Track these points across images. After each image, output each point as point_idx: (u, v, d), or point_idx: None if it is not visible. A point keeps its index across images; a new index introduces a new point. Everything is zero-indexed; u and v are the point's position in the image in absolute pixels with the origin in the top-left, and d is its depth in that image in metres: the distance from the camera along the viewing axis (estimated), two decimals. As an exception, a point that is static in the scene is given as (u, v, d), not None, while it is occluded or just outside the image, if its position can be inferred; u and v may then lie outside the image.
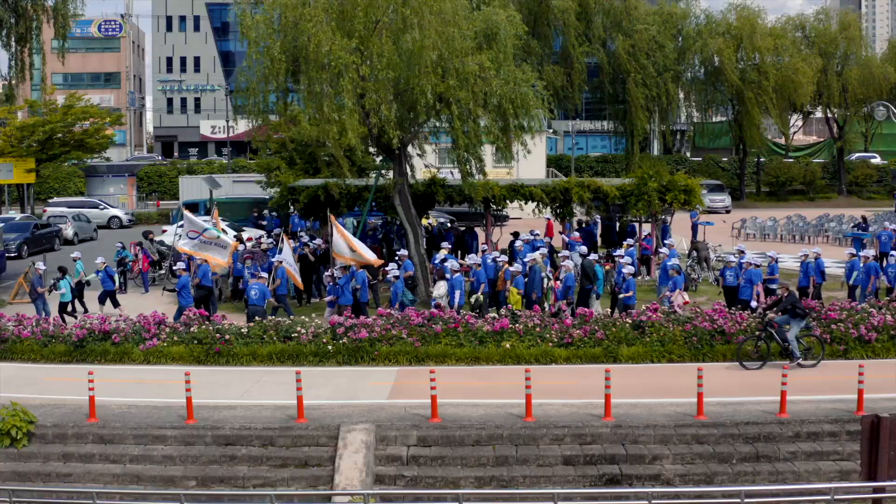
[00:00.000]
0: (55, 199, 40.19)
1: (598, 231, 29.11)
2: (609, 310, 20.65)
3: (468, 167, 22.84)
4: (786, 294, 17.54)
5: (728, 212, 32.61)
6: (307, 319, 19.05)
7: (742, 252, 22.22)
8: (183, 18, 67.03)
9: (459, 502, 11.40)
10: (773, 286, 21.55)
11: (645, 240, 25.52)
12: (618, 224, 27.86)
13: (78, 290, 24.01)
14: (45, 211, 39.85)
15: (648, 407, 15.14)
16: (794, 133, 53.85)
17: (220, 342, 18.15)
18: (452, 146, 23.49)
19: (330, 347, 17.88)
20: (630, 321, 18.20)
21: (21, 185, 39.52)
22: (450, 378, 16.46)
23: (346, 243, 21.11)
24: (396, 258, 22.10)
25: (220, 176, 40.43)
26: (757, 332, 17.57)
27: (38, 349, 18.94)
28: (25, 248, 31.66)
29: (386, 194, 23.80)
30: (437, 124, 23.42)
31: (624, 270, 20.29)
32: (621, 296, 19.76)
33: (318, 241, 25.44)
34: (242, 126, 65.73)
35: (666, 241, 24.74)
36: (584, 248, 23.66)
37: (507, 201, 25.19)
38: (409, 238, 22.89)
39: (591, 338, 17.89)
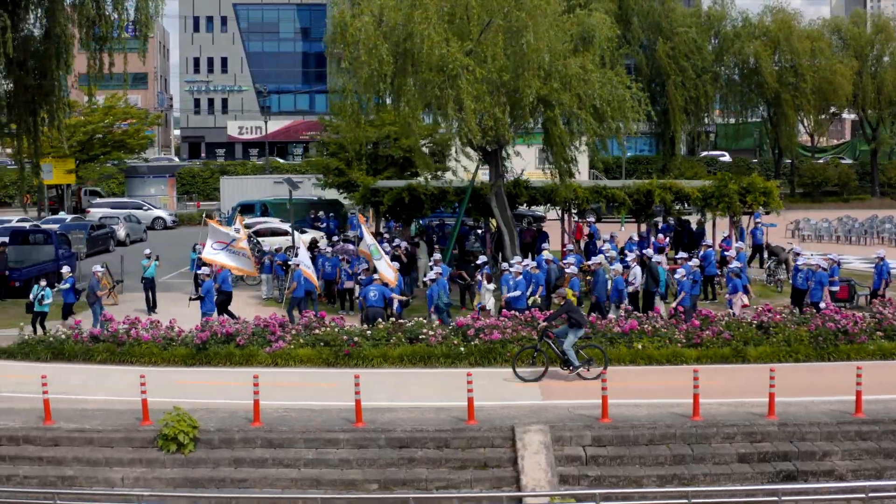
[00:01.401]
0: (98, 201, 39.58)
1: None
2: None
3: (565, 168, 23.02)
4: (562, 303, 17.22)
5: (767, 213, 33.07)
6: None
7: (798, 254, 22.63)
8: (210, 19, 66.32)
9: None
10: (834, 288, 22.00)
11: (724, 241, 25.84)
12: (694, 226, 28.11)
13: (150, 288, 23.77)
14: (87, 212, 39.23)
15: (804, 405, 15.37)
16: (818, 135, 54.78)
17: (350, 344, 18.14)
18: (546, 147, 23.65)
19: (462, 349, 17.91)
20: (755, 322, 18.48)
21: (59, 185, 38.89)
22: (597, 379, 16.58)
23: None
24: (432, 261, 22.20)
25: (259, 177, 40.15)
26: (534, 342, 17.33)
27: (158, 352, 18.71)
28: (84, 249, 31.18)
29: (481, 195, 23.80)
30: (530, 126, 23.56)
31: (676, 275, 20.65)
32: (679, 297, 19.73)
33: (399, 241, 25.42)
34: (271, 127, 66.11)
35: (734, 244, 25.07)
36: (649, 251, 23.93)
37: (588, 203, 25.41)
38: (506, 239, 22.98)
39: (718, 338, 18.14)
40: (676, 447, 14.19)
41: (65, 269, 21.99)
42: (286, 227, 30.62)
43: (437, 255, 22.37)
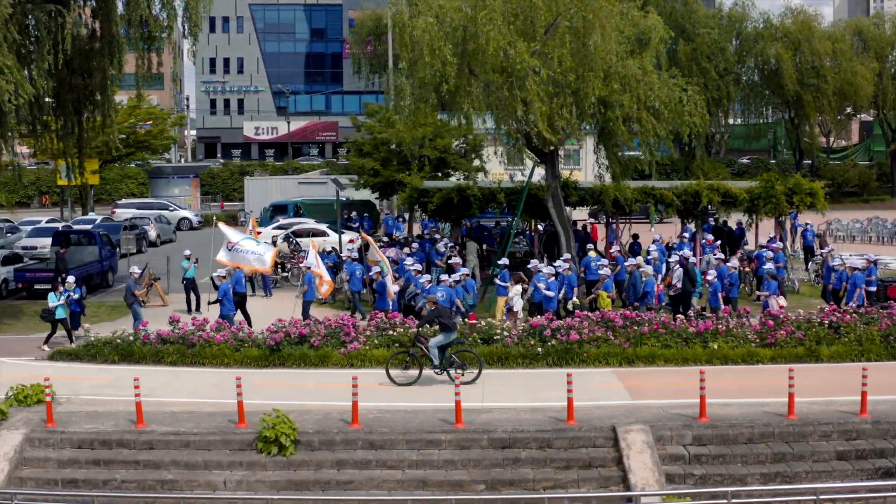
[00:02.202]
0: (123, 201, 39.25)
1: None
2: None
3: (619, 170, 23.13)
4: (432, 307, 17.28)
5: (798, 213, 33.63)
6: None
7: (832, 254, 22.89)
8: (226, 19, 65.87)
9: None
10: (872, 288, 22.28)
11: (770, 242, 26.04)
12: (734, 226, 28.30)
13: (192, 289, 23.60)
14: (113, 212, 38.88)
15: (892, 403, 15.56)
16: (834, 136, 55.40)
17: (426, 345, 18.12)
18: (599, 148, 23.75)
19: (539, 350, 17.95)
20: (826, 321, 18.66)
21: (82, 186, 38.40)
22: (679, 379, 16.70)
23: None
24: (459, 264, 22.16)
25: (284, 177, 40.01)
26: (407, 346, 17.50)
27: (231, 354, 18.60)
28: (133, 249, 30.88)
29: (537, 196, 23.82)
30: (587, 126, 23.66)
31: (708, 277, 20.85)
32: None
33: (446, 241, 25.43)
34: (285, 128, 65.84)
35: (772, 245, 25.29)
36: (686, 252, 24.08)
37: (638, 203, 25.51)
38: (562, 240, 23.04)
39: (791, 338, 18.29)
40: (776, 445, 14.30)
41: (70, 279, 21.49)
42: (323, 227, 30.60)
43: (456, 259, 22.43)
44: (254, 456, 14.23)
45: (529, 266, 21.90)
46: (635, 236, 27.06)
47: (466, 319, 19.63)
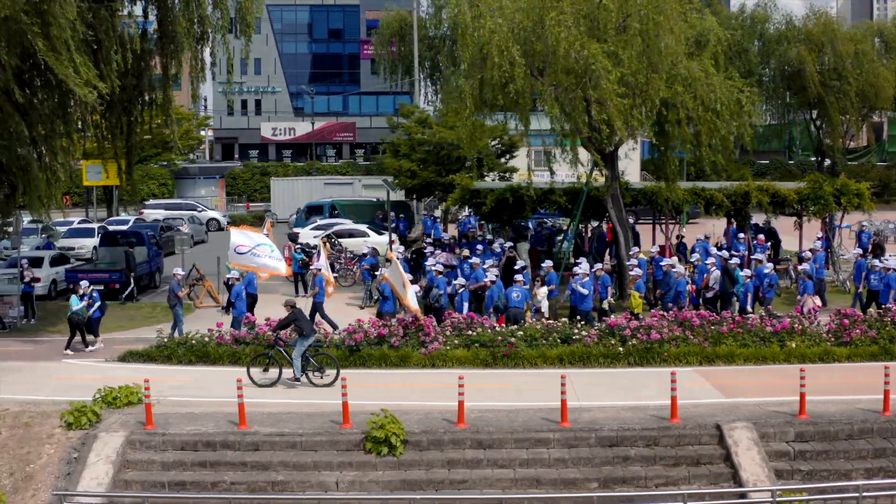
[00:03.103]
0: (151, 202, 39.00)
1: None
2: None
3: (675, 171, 23.35)
4: (291, 310, 17.44)
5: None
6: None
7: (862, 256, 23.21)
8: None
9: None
10: None
11: (822, 243, 26.28)
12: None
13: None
14: (141, 213, 38.61)
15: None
16: (854, 138, 55.91)
17: (507, 345, 18.21)
18: (655, 149, 23.92)
19: (620, 349, 18.11)
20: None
21: (108, 187, 38.18)
22: (764, 378, 17.07)
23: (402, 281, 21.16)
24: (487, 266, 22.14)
25: (310, 178, 39.93)
26: (267, 349, 17.74)
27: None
28: (189, 248, 30.60)
29: (597, 197, 23.95)
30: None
31: (742, 275, 21.05)
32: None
33: (501, 241, 25.47)
34: (303, 129, 65.35)
35: (811, 246, 25.55)
36: (725, 252, 24.31)
37: (688, 203, 25.73)
38: (621, 240, 23.22)
39: (865, 336, 18.56)
40: (875, 441, 14.53)
41: (84, 283, 21.44)
42: (364, 227, 30.58)
43: (475, 259, 22.55)
44: (362, 456, 14.26)
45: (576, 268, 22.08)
46: (680, 237, 27.30)
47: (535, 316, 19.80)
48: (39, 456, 14.90)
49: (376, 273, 24.19)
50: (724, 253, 23.92)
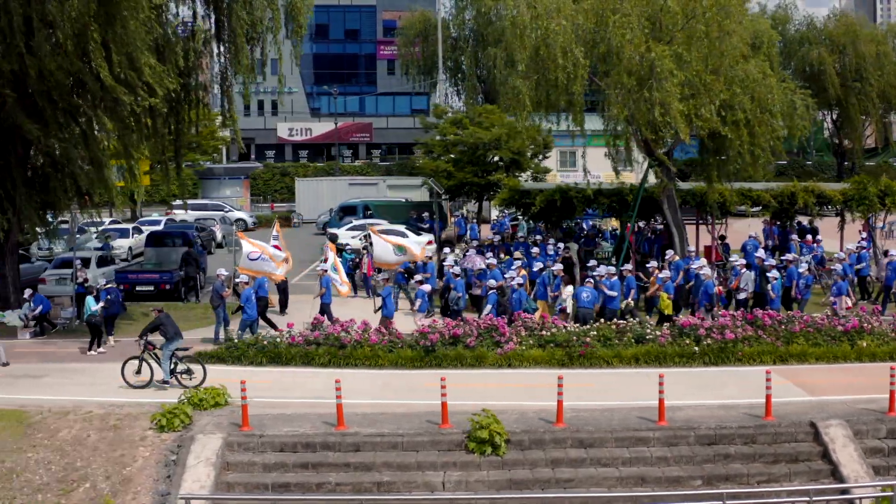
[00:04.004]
0: (178, 202, 38.76)
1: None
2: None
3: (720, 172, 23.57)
4: (157, 315, 17.95)
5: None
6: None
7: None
8: (260, 20, 64.79)
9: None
10: None
11: (866, 243, 26.59)
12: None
13: (281, 290, 23.41)
14: (168, 213, 38.34)
15: None
16: (875, 138, 56.62)
17: (583, 345, 18.34)
18: (704, 150, 24.13)
19: (696, 349, 18.29)
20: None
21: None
22: (843, 376, 17.36)
23: (392, 246, 21.22)
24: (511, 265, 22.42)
25: (331, 179, 39.83)
26: (140, 353, 17.97)
27: (384, 355, 18.64)
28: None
29: (652, 198, 24.13)
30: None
31: (769, 275, 21.13)
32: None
33: (552, 241, 25.48)
34: (319, 129, 64.89)
35: (847, 246, 25.87)
36: (761, 253, 24.57)
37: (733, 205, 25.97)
38: (676, 240, 23.41)
39: (932, 334, 18.87)
40: (967, 438, 14.84)
41: (99, 283, 21.51)
42: (402, 228, 30.57)
43: (491, 260, 22.72)
44: (465, 456, 14.33)
45: (648, 266, 22.34)
46: (722, 237, 27.54)
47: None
48: (134, 458, 14.84)
49: (412, 278, 24.09)
50: (762, 253, 24.24)
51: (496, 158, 31.20)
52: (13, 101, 21.05)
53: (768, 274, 21.14)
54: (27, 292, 22.19)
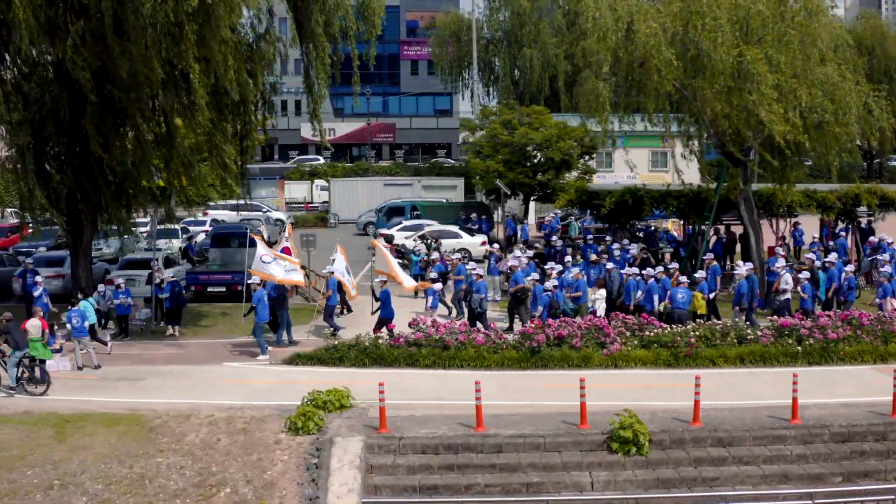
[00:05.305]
0: (215, 203, 38.44)
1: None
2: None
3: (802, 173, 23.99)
4: (5, 324, 18.24)
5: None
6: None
7: None
8: (283, 20, 64.54)
9: None
10: None
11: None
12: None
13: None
14: (206, 213, 38.05)
15: None
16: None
17: (689, 345, 18.57)
18: (777, 152, 24.48)
19: (799, 349, 18.59)
20: None
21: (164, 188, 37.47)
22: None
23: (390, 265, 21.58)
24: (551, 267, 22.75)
25: (366, 179, 39.82)
26: None
27: (489, 356, 18.76)
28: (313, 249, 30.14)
29: (729, 199, 24.43)
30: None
31: (800, 276, 21.71)
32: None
33: (626, 241, 25.54)
34: (342, 129, 64.54)
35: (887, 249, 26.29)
36: (812, 255, 24.94)
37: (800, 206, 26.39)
38: (752, 241, 23.73)
39: None
40: None
41: (100, 286, 21.84)
42: (455, 229, 30.68)
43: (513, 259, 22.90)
44: (608, 456, 14.48)
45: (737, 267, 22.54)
46: (783, 237, 27.92)
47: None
48: (273, 462, 14.80)
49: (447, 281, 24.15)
50: (812, 255, 24.64)
51: (544, 159, 31.40)
52: (95, 104, 20.92)
53: (799, 275, 21.46)
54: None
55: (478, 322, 21.04)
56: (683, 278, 20.61)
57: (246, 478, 14.60)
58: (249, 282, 21.38)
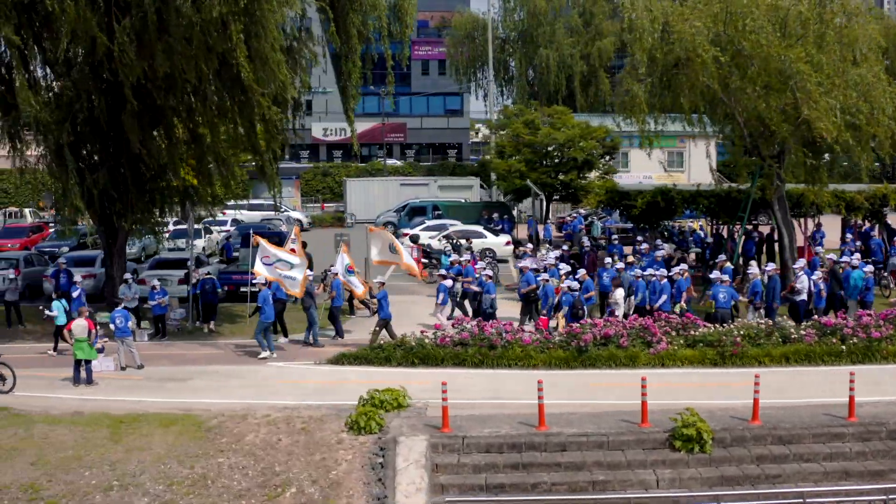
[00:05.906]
0: (232, 203, 38.39)
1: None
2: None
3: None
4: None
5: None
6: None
7: None
8: (310, 20, 64.02)
9: None
10: None
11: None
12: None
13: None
14: (224, 213, 38.01)
15: None
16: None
17: (735, 345, 18.74)
18: (808, 153, 24.74)
19: (843, 347, 18.79)
20: None
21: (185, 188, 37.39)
22: None
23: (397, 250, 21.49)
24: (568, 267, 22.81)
25: (382, 179, 39.81)
26: None
27: (536, 355, 18.89)
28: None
29: (763, 199, 24.64)
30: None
31: (813, 276, 21.84)
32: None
33: (659, 243, 25.71)
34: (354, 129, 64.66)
35: None
36: (833, 255, 25.17)
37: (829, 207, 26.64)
38: (786, 241, 23.95)
39: None
40: None
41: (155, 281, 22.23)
42: (479, 229, 30.79)
43: (631, 259, 23.15)
44: (671, 454, 14.62)
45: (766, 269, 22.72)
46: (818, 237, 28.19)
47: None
48: (337, 462, 14.86)
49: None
50: (832, 256, 24.87)
51: (566, 159, 31.56)
52: (132, 105, 20.91)
53: (814, 276, 21.60)
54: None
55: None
56: (726, 277, 20.79)
57: (311, 478, 14.65)
58: (254, 282, 21.37)
